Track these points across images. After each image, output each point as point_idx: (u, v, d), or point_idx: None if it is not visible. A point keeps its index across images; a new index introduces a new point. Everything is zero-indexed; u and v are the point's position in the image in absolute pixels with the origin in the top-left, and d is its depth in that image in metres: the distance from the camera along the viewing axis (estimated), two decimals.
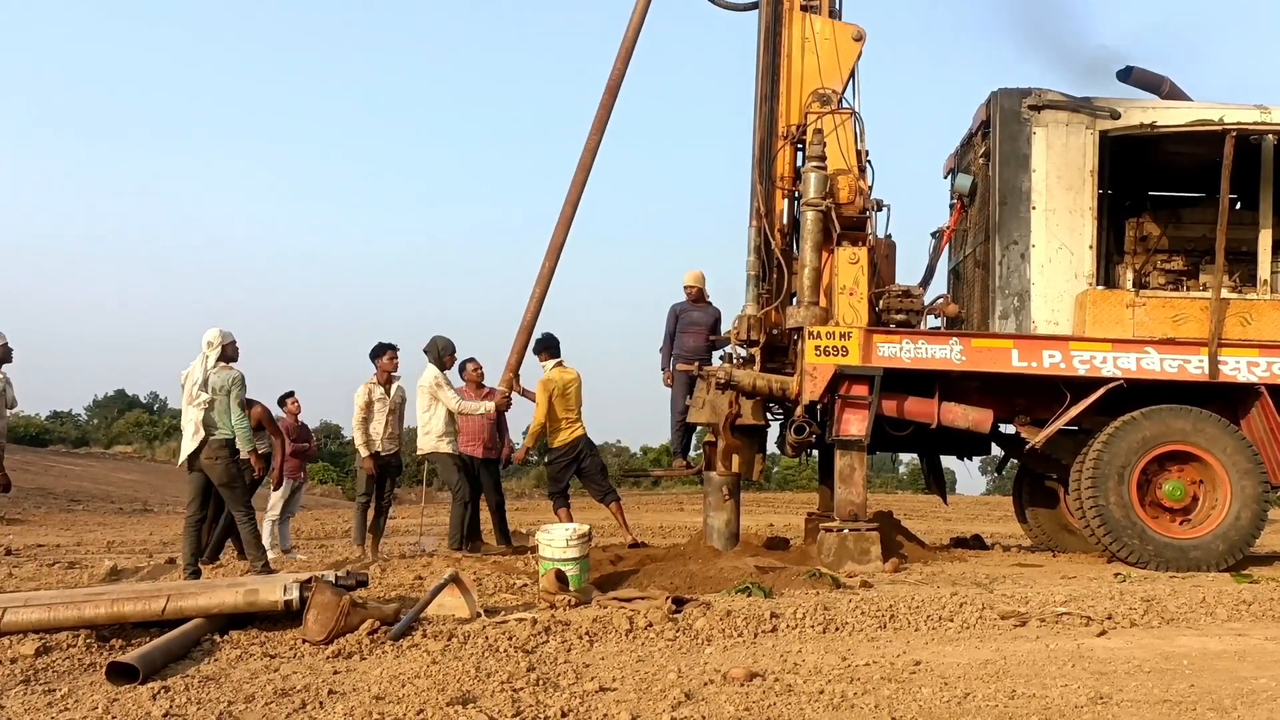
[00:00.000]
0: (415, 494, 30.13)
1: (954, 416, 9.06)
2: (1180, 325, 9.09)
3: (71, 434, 45.06)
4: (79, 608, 5.56)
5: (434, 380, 9.75)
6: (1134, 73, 10.39)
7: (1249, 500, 8.74)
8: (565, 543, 7.04)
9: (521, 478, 41.26)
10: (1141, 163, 10.13)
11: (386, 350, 10.18)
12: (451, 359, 10.11)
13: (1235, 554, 8.74)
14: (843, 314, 8.90)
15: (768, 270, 9.49)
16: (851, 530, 8.67)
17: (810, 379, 8.71)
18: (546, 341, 10.29)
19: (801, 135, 9.54)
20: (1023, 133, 9.37)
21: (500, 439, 10.86)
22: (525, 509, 22.47)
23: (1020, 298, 9.32)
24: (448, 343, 10.00)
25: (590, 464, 10.48)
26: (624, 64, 9.75)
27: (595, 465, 10.57)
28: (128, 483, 27.97)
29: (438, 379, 9.78)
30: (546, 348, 10.28)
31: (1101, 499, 8.68)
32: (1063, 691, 4.50)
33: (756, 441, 9.72)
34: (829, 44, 9.61)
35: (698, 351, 10.31)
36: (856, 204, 9.28)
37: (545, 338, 10.28)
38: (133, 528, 16.54)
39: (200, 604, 5.68)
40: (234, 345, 8.47)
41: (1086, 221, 9.34)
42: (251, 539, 8.36)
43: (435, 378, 9.78)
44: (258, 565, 8.24)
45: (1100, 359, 8.92)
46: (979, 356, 8.94)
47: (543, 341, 10.27)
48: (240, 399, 8.29)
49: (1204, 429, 8.82)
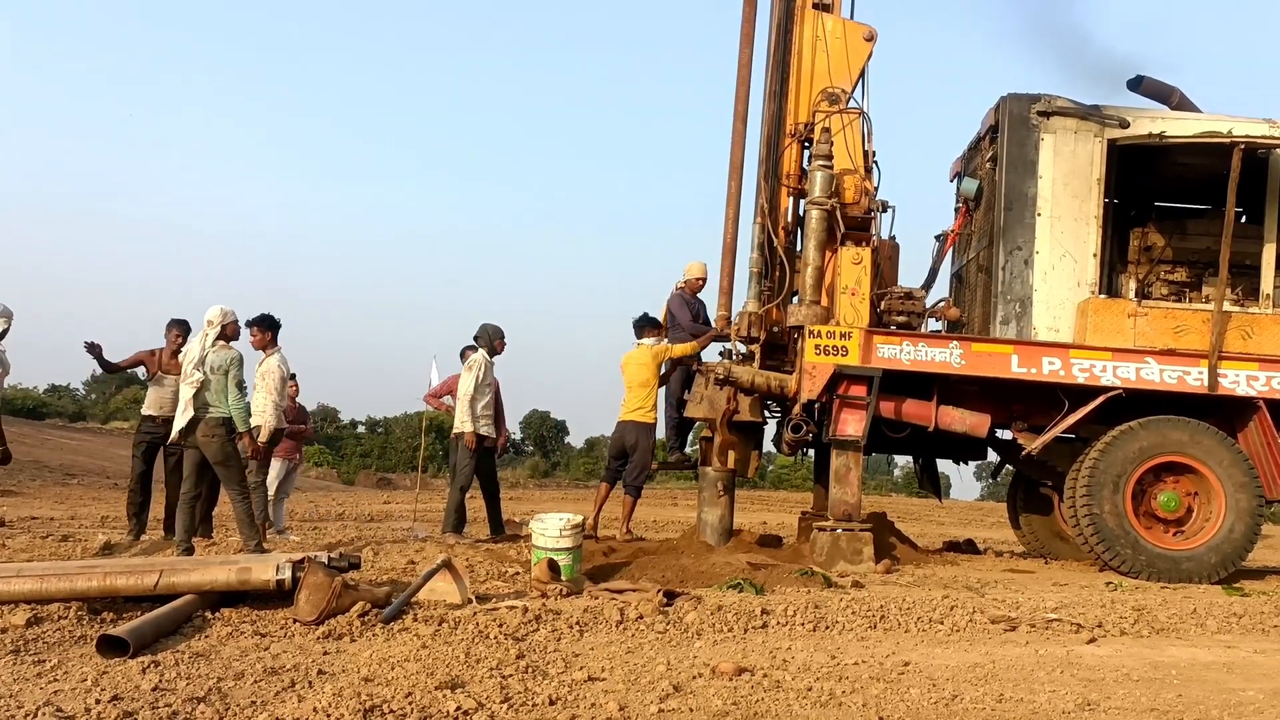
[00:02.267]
0: (410, 479, 30.24)
1: (951, 420, 9.06)
2: (1181, 337, 9.09)
3: (69, 408, 45.11)
4: (71, 580, 5.56)
5: (481, 361, 10.24)
6: (1144, 82, 10.37)
7: (1243, 513, 8.74)
8: (559, 532, 7.05)
9: (516, 467, 41.34)
10: (1148, 173, 10.12)
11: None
12: (501, 344, 10.48)
13: (1227, 566, 8.75)
14: (844, 314, 8.90)
15: (770, 267, 9.49)
16: (845, 530, 8.68)
17: (809, 377, 8.71)
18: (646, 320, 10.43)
19: (809, 133, 9.53)
20: (1031, 138, 9.36)
21: (497, 428, 10.85)
22: (519, 499, 22.48)
23: (1022, 303, 9.31)
24: (496, 329, 10.41)
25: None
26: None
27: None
28: (123, 458, 27.84)
29: (482, 362, 10.25)
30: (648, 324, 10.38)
31: (1096, 507, 8.68)
32: (1050, 697, 4.51)
33: (753, 438, 9.72)
34: (840, 43, 9.59)
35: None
36: (862, 204, 9.27)
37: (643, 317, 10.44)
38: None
39: (193, 580, 5.68)
40: (235, 324, 8.47)
41: (1091, 229, 9.33)
42: (245, 517, 8.30)
43: (483, 360, 10.27)
44: (250, 544, 8.21)
45: (1100, 367, 8.92)
46: (979, 361, 8.94)
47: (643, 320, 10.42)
48: (238, 379, 8.25)
49: (1201, 441, 8.82)
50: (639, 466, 10.12)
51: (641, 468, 10.15)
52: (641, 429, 10.07)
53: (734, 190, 9.64)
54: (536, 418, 56.11)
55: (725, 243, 9.67)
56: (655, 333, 10.25)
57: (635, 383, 10.09)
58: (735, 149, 9.60)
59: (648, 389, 10.03)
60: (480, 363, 10.22)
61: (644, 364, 10.02)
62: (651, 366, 10.01)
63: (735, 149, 9.60)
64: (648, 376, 10.01)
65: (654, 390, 10.07)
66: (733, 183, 9.64)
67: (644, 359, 10.03)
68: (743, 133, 9.54)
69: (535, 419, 56.11)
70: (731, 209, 9.63)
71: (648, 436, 10.09)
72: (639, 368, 10.06)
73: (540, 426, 56.36)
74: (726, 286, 9.68)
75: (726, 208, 9.67)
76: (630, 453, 10.11)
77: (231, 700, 4.03)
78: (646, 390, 10.03)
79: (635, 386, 10.08)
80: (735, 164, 9.61)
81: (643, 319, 10.31)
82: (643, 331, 10.25)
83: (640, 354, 10.10)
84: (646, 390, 10.03)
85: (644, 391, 10.03)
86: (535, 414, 56.07)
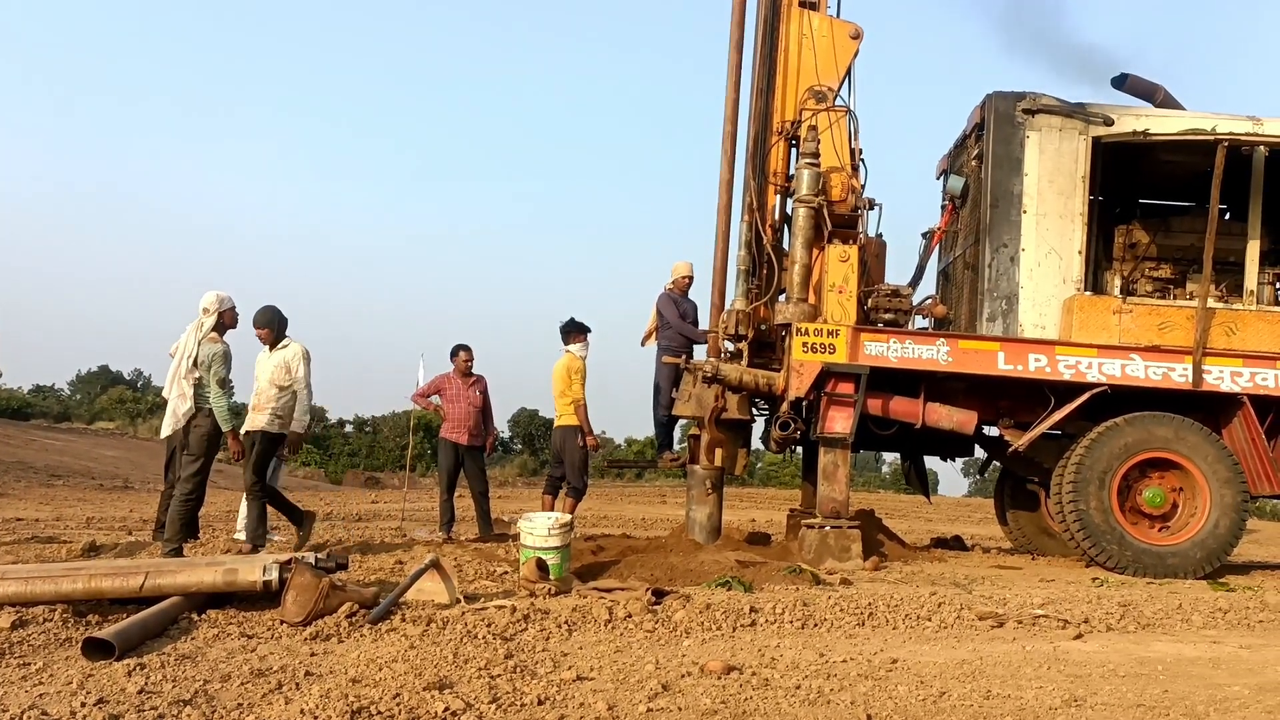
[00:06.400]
0: (398, 479, 30.16)
1: (938, 417, 9.09)
2: (1166, 333, 9.13)
3: (54, 409, 44.78)
4: (56, 582, 5.53)
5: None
6: (1129, 80, 10.42)
7: (1228, 509, 8.79)
8: (547, 531, 7.04)
9: (504, 466, 41.27)
10: (1133, 170, 10.17)
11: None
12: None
13: (1213, 562, 8.80)
14: (831, 311, 8.91)
15: (758, 265, 9.49)
16: (833, 527, 8.70)
17: (797, 375, 8.72)
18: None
19: (796, 131, 9.54)
20: (1016, 136, 9.40)
21: (486, 427, 10.81)
22: (508, 497, 22.45)
23: (1008, 301, 9.34)
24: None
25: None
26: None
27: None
28: (109, 459, 27.80)
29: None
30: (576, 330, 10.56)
31: (1082, 504, 8.72)
32: (1037, 693, 4.52)
33: (741, 436, 9.73)
34: (826, 41, 9.61)
35: (685, 344, 10.30)
36: (849, 202, 9.29)
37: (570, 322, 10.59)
38: (113, 504, 16.43)
39: (178, 582, 5.64)
40: (233, 312, 8.25)
41: (1076, 227, 9.37)
42: (177, 517, 7.95)
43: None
44: (168, 548, 7.84)
45: (1085, 364, 8.96)
46: (965, 358, 8.97)
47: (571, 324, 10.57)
48: (220, 375, 8.04)
49: (1186, 437, 8.87)
50: (574, 467, 10.39)
51: (576, 468, 10.40)
52: (567, 432, 10.42)
53: (726, 179, 9.57)
54: (525, 416, 56.01)
55: (718, 231, 9.60)
56: (579, 338, 10.52)
57: (555, 392, 10.50)
58: (727, 141, 9.56)
59: (566, 398, 10.34)
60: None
61: (559, 376, 10.42)
62: (566, 379, 10.33)
63: (727, 141, 9.56)
64: (563, 388, 10.37)
65: (575, 397, 10.31)
66: (725, 171, 9.57)
67: (560, 371, 10.41)
68: (733, 134, 9.52)
69: (524, 417, 56.01)
70: (724, 197, 9.58)
71: (574, 437, 10.35)
72: (556, 379, 10.47)
73: (529, 425, 56.27)
74: (720, 282, 9.64)
75: (720, 195, 9.59)
76: (563, 456, 10.44)
77: (218, 702, 4.01)
78: (566, 399, 10.35)
79: (556, 396, 10.49)
80: (727, 155, 9.56)
81: (568, 324, 10.58)
82: (568, 338, 10.55)
83: (558, 366, 10.46)
84: (566, 399, 10.35)
85: (564, 400, 10.37)
86: (524, 412, 55.95)
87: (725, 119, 9.49)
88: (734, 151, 9.49)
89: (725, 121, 9.49)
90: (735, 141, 9.50)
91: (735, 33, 9.53)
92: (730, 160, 9.47)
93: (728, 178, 9.48)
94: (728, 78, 9.49)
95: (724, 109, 9.49)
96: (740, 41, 9.55)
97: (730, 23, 9.55)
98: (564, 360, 10.46)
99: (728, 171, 9.49)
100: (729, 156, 9.47)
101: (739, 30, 9.55)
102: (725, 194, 9.49)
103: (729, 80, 9.49)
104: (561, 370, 10.41)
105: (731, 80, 9.49)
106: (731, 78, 9.49)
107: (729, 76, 9.49)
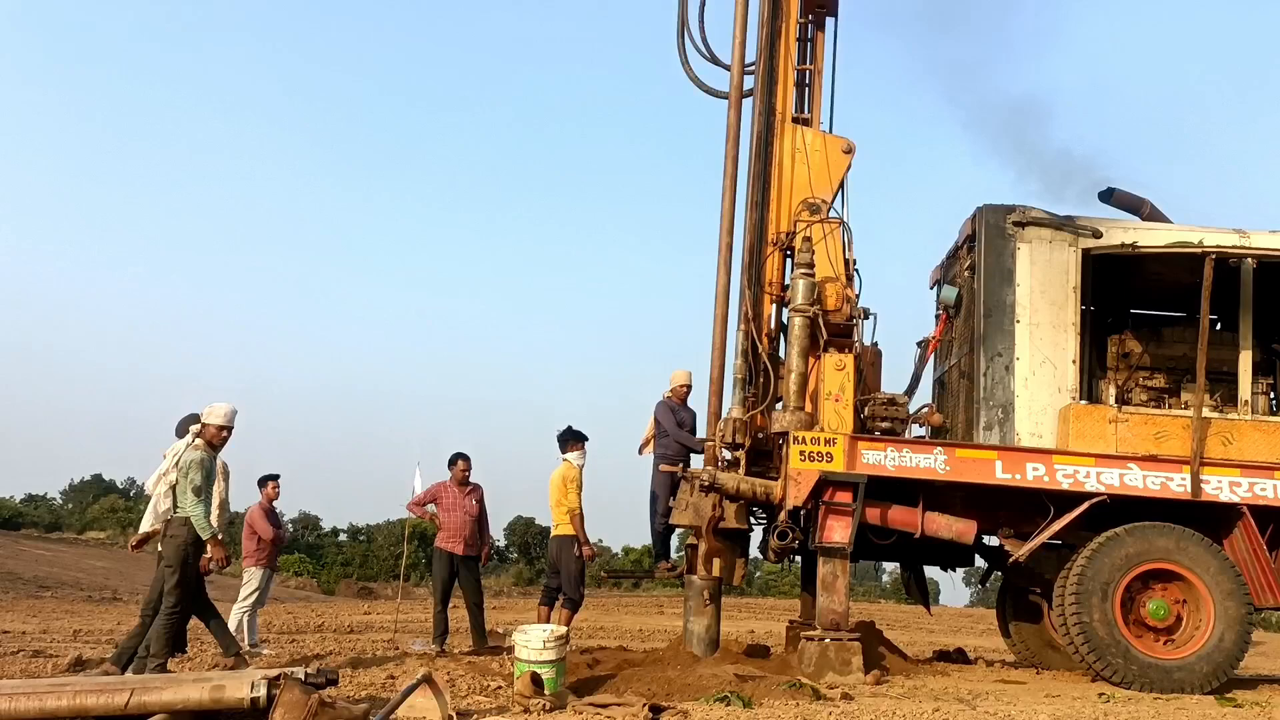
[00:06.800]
0: (392, 589, 29.72)
1: (938, 526, 9.02)
2: (1162, 442, 9.14)
3: (45, 518, 44.40)
4: (41, 699, 5.42)
5: None
6: (1115, 194, 10.65)
7: (1232, 622, 8.66)
8: (542, 644, 6.92)
9: (500, 575, 40.75)
10: (1124, 281, 10.31)
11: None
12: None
13: (1219, 676, 8.63)
14: (828, 420, 8.92)
15: (754, 373, 9.54)
16: (833, 639, 8.55)
17: (794, 484, 8.69)
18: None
19: (791, 242, 9.70)
20: (1008, 248, 9.55)
21: (481, 537, 10.72)
22: (503, 607, 22.10)
23: (1004, 409, 9.37)
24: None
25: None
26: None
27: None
28: (98, 570, 27.47)
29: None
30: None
31: (1085, 616, 8.59)
32: None
33: (739, 546, 9.62)
34: (819, 155, 9.85)
35: (682, 453, 10.29)
36: (844, 311, 9.39)
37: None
38: (100, 616, 16.18)
39: (164, 699, 5.53)
40: (216, 428, 8.12)
41: (1070, 336, 9.45)
42: (161, 631, 7.74)
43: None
44: (153, 664, 7.61)
45: (1084, 473, 8.93)
46: (963, 466, 8.95)
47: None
48: (195, 484, 7.87)
49: (1187, 548, 8.79)
50: (569, 579, 10.34)
51: (572, 579, 10.35)
52: (563, 542, 10.40)
53: (722, 288, 9.67)
54: (520, 524, 55.49)
55: (715, 339, 9.66)
56: (576, 447, 10.54)
57: (552, 501, 10.50)
58: (723, 252, 9.71)
59: (563, 508, 10.36)
60: None
61: (555, 485, 10.44)
62: (562, 488, 10.37)
63: (723, 252, 9.71)
64: (559, 497, 10.38)
65: (571, 506, 10.32)
66: (721, 281, 9.67)
67: (556, 481, 10.44)
68: (729, 245, 9.68)
69: (519, 525, 55.49)
70: (720, 306, 9.68)
71: (570, 547, 10.33)
72: (553, 488, 10.49)
73: (524, 533, 55.70)
74: (716, 389, 9.64)
75: (716, 305, 9.68)
76: (558, 566, 10.41)
77: None
78: (563, 509, 10.37)
79: (552, 505, 10.50)
80: (724, 265, 9.68)
81: (565, 433, 10.63)
82: (565, 446, 10.58)
83: (555, 475, 10.49)
84: (563, 509, 10.37)
85: (560, 509, 10.39)
86: (519, 520, 55.46)
87: (721, 230, 9.67)
88: (730, 262, 9.65)
89: (722, 233, 9.66)
90: (731, 252, 9.66)
91: (730, 148, 9.79)
92: (726, 270, 9.62)
93: (724, 287, 9.62)
94: (724, 192, 9.71)
95: (720, 220, 9.69)
96: (736, 156, 9.79)
97: (726, 139, 9.81)
98: (560, 469, 10.45)
99: (724, 281, 9.63)
100: (725, 266, 9.62)
101: (734, 146, 9.80)
102: (722, 303, 9.61)
103: (725, 194, 9.70)
104: (558, 480, 10.40)
105: (728, 194, 9.70)
106: (728, 191, 9.71)
107: (725, 190, 9.71)
